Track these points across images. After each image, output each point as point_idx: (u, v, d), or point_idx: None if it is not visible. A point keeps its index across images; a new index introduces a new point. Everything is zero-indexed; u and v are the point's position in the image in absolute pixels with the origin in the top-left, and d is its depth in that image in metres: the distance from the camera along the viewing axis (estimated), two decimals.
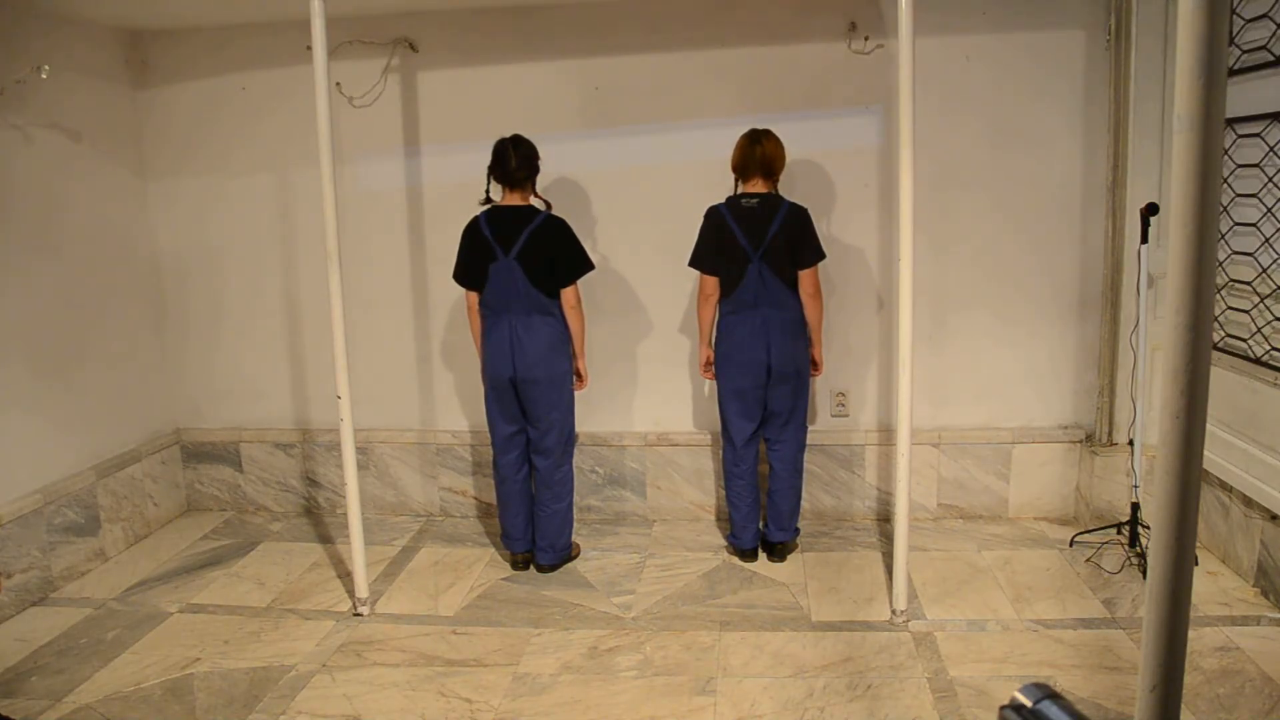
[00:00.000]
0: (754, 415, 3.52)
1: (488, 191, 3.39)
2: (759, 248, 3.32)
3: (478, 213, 3.38)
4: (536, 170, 3.37)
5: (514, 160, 3.30)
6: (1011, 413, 3.94)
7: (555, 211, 3.40)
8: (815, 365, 3.59)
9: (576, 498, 4.05)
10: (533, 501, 3.61)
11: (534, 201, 3.40)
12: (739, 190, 3.41)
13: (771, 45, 3.76)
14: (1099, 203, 3.71)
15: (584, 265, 3.40)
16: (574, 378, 3.53)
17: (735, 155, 3.37)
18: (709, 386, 3.78)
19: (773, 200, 3.35)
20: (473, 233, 3.38)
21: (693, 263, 3.47)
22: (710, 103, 3.79)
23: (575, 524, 3.97)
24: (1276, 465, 3.03)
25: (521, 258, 3.30)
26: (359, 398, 3.55)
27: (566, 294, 3.38)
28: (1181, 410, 0.84)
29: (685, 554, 3.74)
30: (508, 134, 3.37)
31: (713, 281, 3.44)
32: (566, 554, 3.65)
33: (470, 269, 3.40)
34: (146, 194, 4.18)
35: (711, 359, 3.57)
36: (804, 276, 3.39)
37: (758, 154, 3.32)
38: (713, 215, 3.42)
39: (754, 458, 3.60)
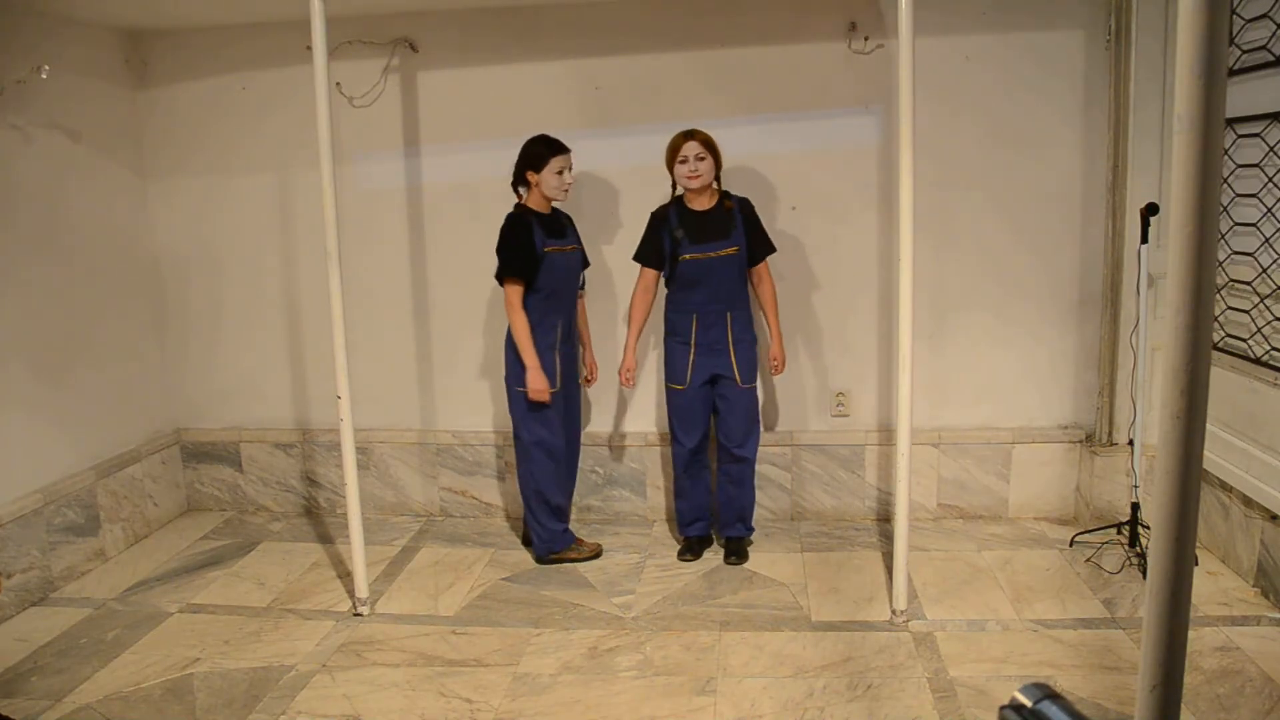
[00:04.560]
0: None
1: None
2: None
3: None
4: (520, 171, 3.43)
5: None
6: (1011, 413, 3.94)
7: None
8: None
9: (577, 498, 4.05)
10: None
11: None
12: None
13: (771, 45, 3.76)
14: (1099, 203, 3.71)
15: (503, 267, 3.40)
16: (524, 383, 3.44)
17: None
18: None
19: None
20: None
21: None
22: (710, 103, 3.79)
23: (576, 524, 3.99)
24: (1276, 465, 3.03)
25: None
26: (359, 398, 3.54)
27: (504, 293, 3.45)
28: (1181, 410, 0.84)
29: None
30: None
31: None
32: (545, 550, 3.65)
33: None
34: (146, 194, 4.18)
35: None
36: None
37: None
38: None
39: None
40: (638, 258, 3.55)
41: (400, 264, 4.10)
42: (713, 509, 3.76)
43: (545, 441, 3.54)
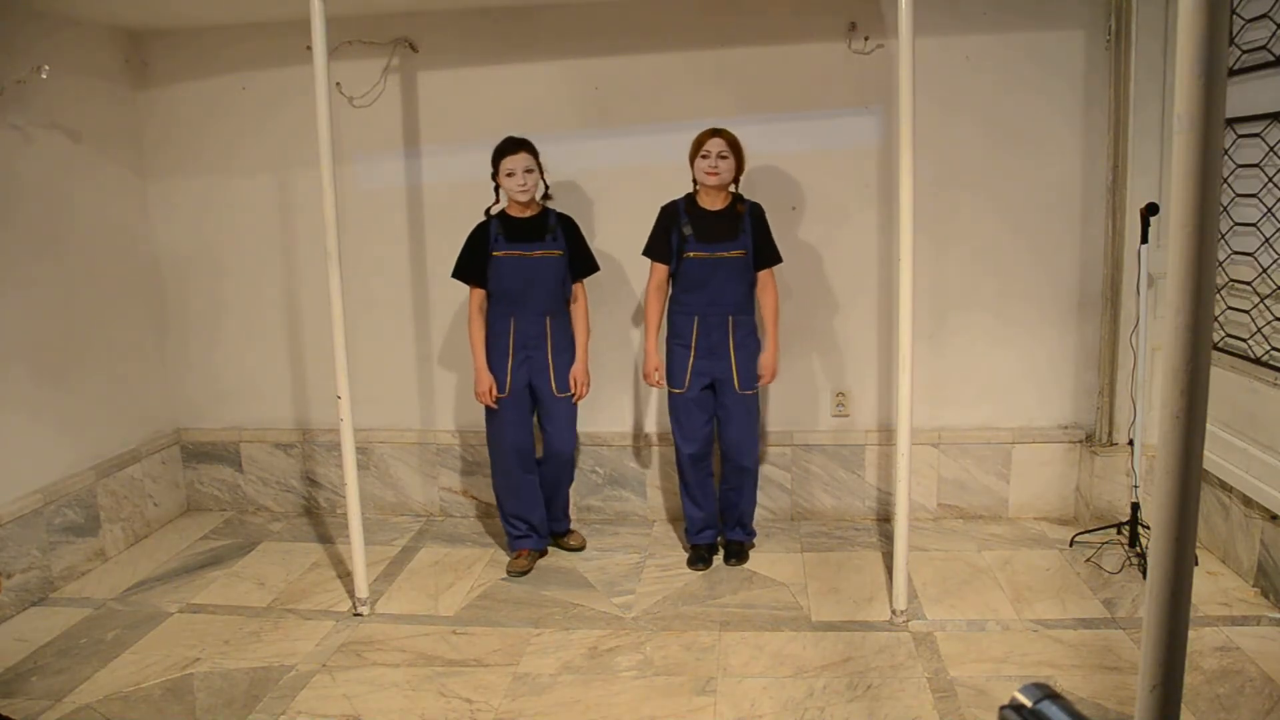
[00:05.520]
0: None
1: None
2: None
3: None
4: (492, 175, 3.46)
5: None
6: (1011, 413, 3.94)
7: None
8: None
9: (577, 498, 4.07)
10: (546, 493, 3.73)
11: None
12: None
13: (771, 45, 3.76)
14: (1099, 203, 3.71)
15: (454, 269, 3.51)
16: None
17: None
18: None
19: None
20: None
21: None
22: (710, 103, 3.79)
23: (576, 522, 4.00)
24: (1276, 465, 3.03)
25: None
26: (359, 398, 3.54)
27: None
28: (1181, 410, 0.84)
29: (685, 554, 3.73)
30: (508, 133, 3.42)
31: None
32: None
33: None
34: (147, 194, 4.18)
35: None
36: None
37: None
38: None
39: None
40: (647, 253, 3.49)
41: (400, 264, 4.10)
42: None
43: (494, 442, 3.58)
